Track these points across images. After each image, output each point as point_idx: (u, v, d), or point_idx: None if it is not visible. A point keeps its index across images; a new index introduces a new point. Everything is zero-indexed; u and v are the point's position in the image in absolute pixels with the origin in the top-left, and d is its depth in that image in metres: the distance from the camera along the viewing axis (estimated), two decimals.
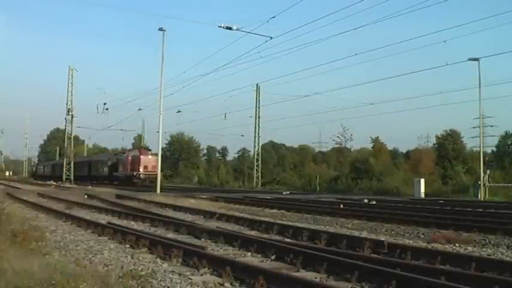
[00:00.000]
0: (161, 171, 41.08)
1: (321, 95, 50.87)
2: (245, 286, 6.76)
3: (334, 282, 7.03)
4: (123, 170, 50.34)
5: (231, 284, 6.85)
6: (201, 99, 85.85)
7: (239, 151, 70.49)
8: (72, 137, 57.88)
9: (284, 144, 70.00)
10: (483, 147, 36.58)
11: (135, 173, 46.78)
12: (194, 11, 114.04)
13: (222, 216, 15.69)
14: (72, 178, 55.49)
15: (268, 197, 26.58)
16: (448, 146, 49.42)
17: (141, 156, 47.73)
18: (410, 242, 10.98)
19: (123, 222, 14.36)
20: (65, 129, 58.13)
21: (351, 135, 60.35)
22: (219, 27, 27.96)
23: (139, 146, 59.19)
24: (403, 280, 6.37)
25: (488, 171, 33.03)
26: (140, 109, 49.85)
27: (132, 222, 14.55)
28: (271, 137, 67.16)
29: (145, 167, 46.61)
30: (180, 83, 67.86)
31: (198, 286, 6.75)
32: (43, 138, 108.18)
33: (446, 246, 10.39)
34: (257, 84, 51.74)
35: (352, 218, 15.63)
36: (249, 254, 9.34)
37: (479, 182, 31.36)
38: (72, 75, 56.12)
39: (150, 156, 47.65)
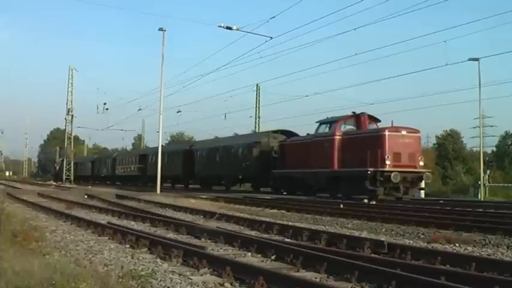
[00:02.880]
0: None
1: (321, 95, 50.88)
2: (245, 286, 6.75)
3: (334, 282, 7.02)
4: (322, 163, 26.19)
5: (231, 284, 6.84)
6: (201, 99, 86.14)
7: None
8: (72, 137, 58.00)
9: None
10: (483, 147, 36.64)
11: (370, 170, 22.66)
12: (194, 11, 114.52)
13: (222, 216, 15.68)
14: (72, 178, 55.51)
15: (268, 197, 26.55)
16: (448, 146, 49.52)
17: (387, 134, 23.27)
18: (410, 242, 10.96)
19: (123, 222, 14.36)
20: (65, 129, 58.28)
21: None
22: (219, 27, 28.08)
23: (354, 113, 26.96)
24: (403, 280, 6.37)
25: (488, 171, 33.05)
26: (140, 109, 49.91)
27: (132, 222, 14.55)
28: None
29: (397, 156, 23.16)
30: (180, 83, 68.03)
31: (198, 286, 6.74)
32: (43, 138, 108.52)
33: (446, 246, 10.37)
34: (257, 84, 51.66)
35: (352, 218, 15.60)
36: (249, 254, 9.32)
37: (479, 182, 31.38)
38: (72, 75, 56.46)
39: (404, 133, 23.62)
